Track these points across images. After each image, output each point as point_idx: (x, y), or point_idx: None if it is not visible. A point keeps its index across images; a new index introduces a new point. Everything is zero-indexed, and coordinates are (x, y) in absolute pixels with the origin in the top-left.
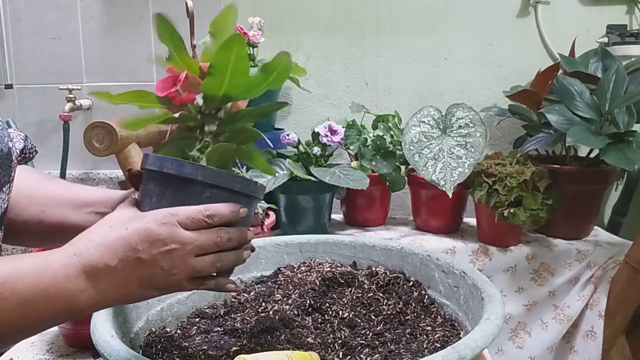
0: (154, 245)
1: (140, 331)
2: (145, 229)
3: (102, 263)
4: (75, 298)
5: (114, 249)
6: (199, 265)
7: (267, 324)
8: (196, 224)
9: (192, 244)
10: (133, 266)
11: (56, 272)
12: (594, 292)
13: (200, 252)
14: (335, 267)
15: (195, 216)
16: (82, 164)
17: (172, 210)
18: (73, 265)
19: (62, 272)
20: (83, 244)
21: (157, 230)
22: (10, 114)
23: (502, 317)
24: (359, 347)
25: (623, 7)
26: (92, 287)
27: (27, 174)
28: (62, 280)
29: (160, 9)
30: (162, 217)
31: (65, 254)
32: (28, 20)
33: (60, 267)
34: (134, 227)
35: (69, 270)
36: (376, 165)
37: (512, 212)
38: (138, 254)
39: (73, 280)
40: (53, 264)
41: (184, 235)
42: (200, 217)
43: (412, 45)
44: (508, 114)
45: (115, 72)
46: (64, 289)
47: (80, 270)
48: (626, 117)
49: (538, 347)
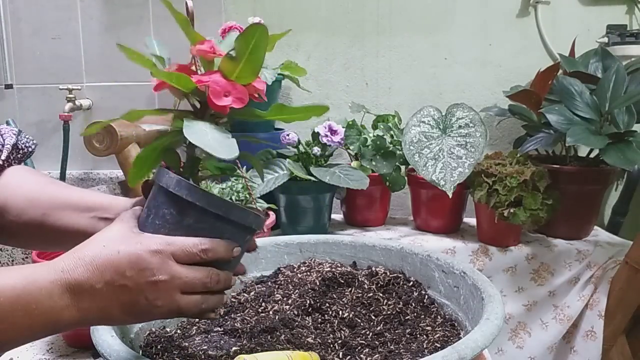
0: (141, 274)
1: (140, 331)
2: (136, 255)
3: (87, 284)
4: (57, 315)
5: (102, 271)
6: (184, 303)
7: (267, 324)
8: (190, 258)
9: (180, 279)
10: (118, 291)
11: (40, 289)
12: (594, 292)
13: (187, 289)
14: (335, 267)
15: (190, 250)
16: (82, 164)
17: (168, 239)
18: (59, 282)
19: (46, 289)
20: (72, 262)
21: (148, 259)
22: (10, 114)
23: (502, 317)
24: (359, 347)
25: (623, 7)
26: (74, 306)
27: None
28: (46, 297)
29: (160, 9)
30: (157, 245)
31: (52, 270)
32: (28, 20)
33: (46, 283)
34: (126, 252)
35: (54, 287)
36: (376, 165)
37: (512, 212)
38: (125, 281)
39: (57, 298)
40: (38, 280)
41: (174, 269)
42: (194, 251)
43: (412, 45)
44: (508, 114)
45: (115, 72)
46: (47, 306)
47: (65, 288)
48: (626, 117)
49: (538, 347)
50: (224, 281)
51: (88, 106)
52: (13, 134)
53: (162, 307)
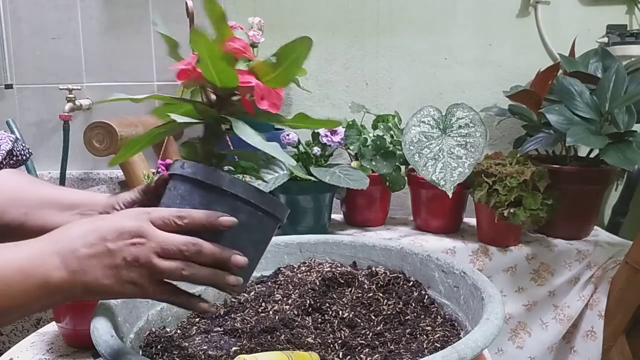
0: (121, 237)
1: (140, 331)
2: (117, 221)
3: (73, 246)
4: (49, 275)
5: (85, 236)
6: (163, 266)
7: (267, 324)
8: (167, 225)
9: (155, 241)
10: (100, 254)
11: (31, 250)
12: (594, 292)
13: (164, 253)
14: (335, 267)
15: (166, 215)
16: (82, 164)
17: (147, 209)
18: (47, 246)
19: (37, 250)
20: (59, 233)
21: (126, 223)
22: (10, 114)
23: (502, 317)
24: (359, 347)
25: (623, 7)
26: (63, 268)
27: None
28: (37, 257)
29: (160, 9)
30: (137, 213)
31: (40, 239)
32: (28, 20)
33: (36, 247)
34: (108, 220)
35: (43, 249)
36: (376, 165)
37: (512, 212)
38: (106, 243)
39: (47, 258)
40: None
41: (150, 232)
42: (171, 217)
43: (412, 45)
44: (508, 114)
45: (115, 72)
46: (38, 265)
47: (53, 251)
48: (626, 117)
49: (538, 347)
50: (211, 253)
51: (88, 106)
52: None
53: (141, 269)
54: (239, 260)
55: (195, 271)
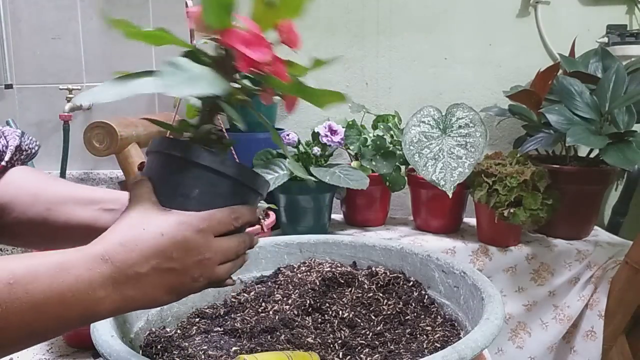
0: (188, 255)
1: (140, 331)
2: (183, 237)
3: (132, 270)
4: (96, 305)
5: (147, 256)
6: (221, 273)
7: (267, 324)
8: (226, 229)
9: (221, 253)
10: (165, 274)
11: (78, 277)
12: (594, 292)
13: (225, 259)
14: (335, 267)
15: (226, 221)
16: (82, 164)
17: (204, 215)
18: (99, 270)
19: (85, 278)
20: (112, 247)
21: (194, 239)
22: (10, 114)
23: (502, 317)
24: (359, 347)
25: (623, 7)
26: (117, 294)
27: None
28: (84, 286)
29: (160, 9)
30: (197, 222)
31: (89, 256)
32: (28, 20)
33: (84, 271)
34: (170, 234)
35: (93, 275)
36: (376, 165)
37: (512, 212)
38: (171, 264)
39: (97, 287)
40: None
41: (216, 244)
42: (229, 221)
43: (412, 45)
44: (508, 114)
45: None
46: (85, 295)
47: (107, 276)
48: (626, 117)
49: (538, 347)
50: (250, 243)
51: (88, 106)
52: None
53: (203, 281)
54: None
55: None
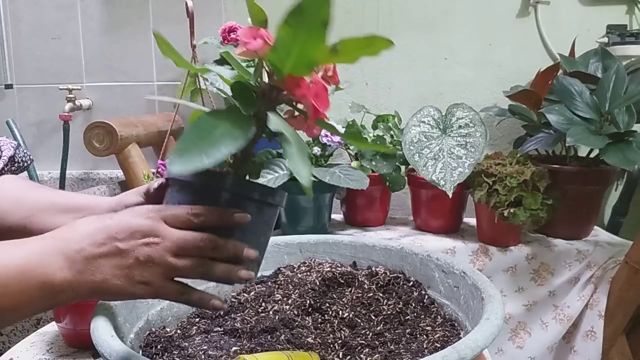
0: (133, 236)
1: (140, 331)
2: (127, 219)
3: (79, 246)
4: (51, 276)
5: (92, 234)
6: (179, 264)
7: (267, 324)
8: (181, 223)
9: (170, 240)
10: (110, 254)
11: (32, 250)
12: (594, 292)
13: (180, 252)
14: (335, 267)
15: (180, 213)
16: (82, 164)
17: (158, 207)
18: (50, 245)
19: (38, 249)
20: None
21: (138, 222)
22: (10, 114)
23: (502, 317)
24: (359, 347)
25: (623, 7)
26: (67, 268)
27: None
28: (38, 257)
29: (160, 9)
30: (146, 211)
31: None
32: (28, 20)
33: (37, 246)
34: (117, 218)
35: (45, 248)
36: (376, 165)
37: (512, 212)
38: (116, 242)
39: (50, 257)
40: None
41: (164, 231)
42: (184, 214)
43: (412, 45)
44: (508, 114)
45: (115, 72)
46: (39, 266)
47: (57, 250)
48: (626, 117)
49: (538, 347)
50: (227, 249)
51: (88, 106)
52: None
53: (154, 268)
54: (251, 254)
55: (210, 268)
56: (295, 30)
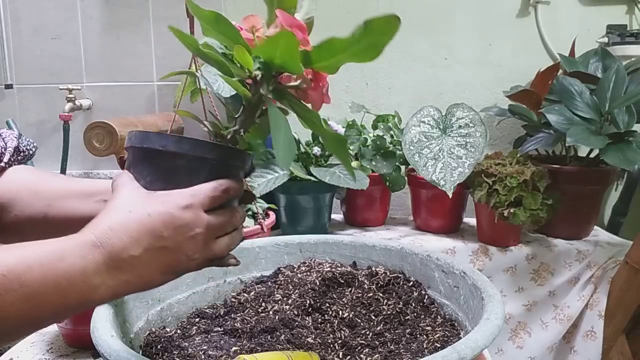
0: (179, 232)
1: (140, 331)
2: (169, 214)
3: (125, 253)
4: (92, 291)
5: (137, 237)
6: (218, 248)
7: (267, 324)
8: (216, 202)
9: (215, 227)
10: (158, 254)
11: (72, 266)
12: (594, 292)
13: (220, 233)
14: (335, 267)
15: (214, 194)
16: (82, 164)
17: (191, 191)
18: (92, 258)
19: (78, 266)
20: (103, 233)
21: (182, 216)
22: (10, 114)
23: (502, 317)
24: (359, 347)
25: (623, 7)
26: (112, 279)
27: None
28: (79, 274)
29: (160, 9)
30: (185, 200)
31: (82, 244)
32: (28, 20)
33: (77, 259)
34: (157, 213)
35: (87, 263)
36: (376, 165)
37: (512, 212)
38: (163, 242)
39: (91, 274)
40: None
41: (207, 219)
42: (217, 194)
43: (412, 45)
44: (508, 114)
45: (115, 72)
46: (80, 282)
47: (100, 263)
48: (626, 117)
49: (538, 347)
50: (244, 215)
51: (88, 106)
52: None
53: (199, 258)
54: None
55: (235, 239)
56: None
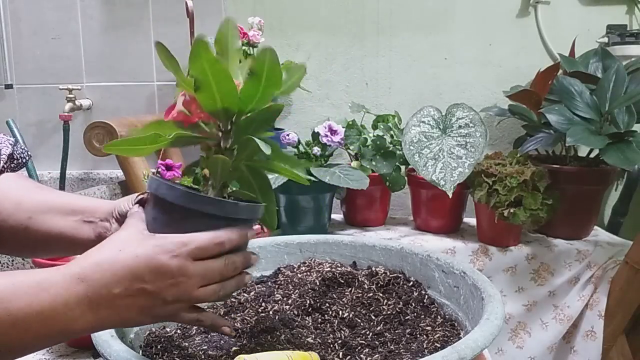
0: (161, 278)
1: (140, 331)
2: (155, 260)
3: (105, 290)
4: (72, 323)
5: (120, 277)
6: (202, 295)
7: (267, 324)
8: (207, 254)
9: (199, 277)
10: (137, 296)
11: (55, 297)
12: (594, 292)
13: (206, 282)
14: (335, 267)
15: (206, 246)
16: (82, 164)
17: (183, 239)
18: (75, 291)
19: (61, 297)
20: (89, 267)
21: (167, 263)
22: (10, 114)
23: (502, 317)
24: (359, 347)
25: (623, 7)
26: (91, 314)
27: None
28: (61, 306)
29: (160, 9)
30: (173, 247)
31: (67, 276)
32: (28, 20)
33: (61, 291)
34: (144, 256)
35: (69, 295)
36: (376, 165)
37: (512, 212)
38: (144, 285)
39: (73, 306)
40: (53, 288)
41: (193, 269)
42: (210, 247)
43: (412, 45)
44: (508, 114)
45: (115, 72)
46: (62, 314)
47: (82, 296)
48: (626, 117)
49: (538, 347)
50: (242, 263)
51: (88, 106)
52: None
53: (180, 304)
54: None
55: (228, 285)
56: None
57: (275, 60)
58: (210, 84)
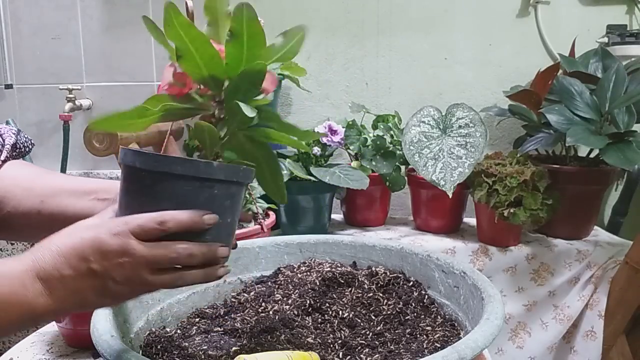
0: (105, 257)
1: (140, 331)
2: (98, 239)
3: (55, 270)
4: (32, 303)
5: (67, 257)
6: (156, 281)
7: (267, 324)
8: (149, 234)
9: (142, 257)
10: (86, 276)
11: (13, 278)
12: (594, 292)
13: (154, 266)
14: (335, 267)
15: (147, 225)
16: (82, 164)
17: (126, 219)
18: (29, 270)
19: (18, 278)
20: (40, 251)
21: (108, 242)
22: (10, 114)
23: (502, 317)
24: (359, 347)
25: (623, 7)
26: (49, 297)
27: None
28: (19, 286)
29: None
30: (115, 226)
31: (22, 261)
32: (28, 20)
33: (17, 272)
34: (87, 237)
35: (25, 275)
36: (376, 165)
37: (512, 212)
38: (90, 264)
39: (29, 285)
40: (11, 271)
41: (134, 249)
42: (152, 226)
43: (412, 45)
44: (508, 114)
45: (115, 72)
46: (21, 294)
47: (35, 275)
48: (626, 117)
49: (538, 347)
50: (202, 254)
51: (88, 106)
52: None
53: (134, 286)
54: (225, 252)
55: (189, 276)
56: None
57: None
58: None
